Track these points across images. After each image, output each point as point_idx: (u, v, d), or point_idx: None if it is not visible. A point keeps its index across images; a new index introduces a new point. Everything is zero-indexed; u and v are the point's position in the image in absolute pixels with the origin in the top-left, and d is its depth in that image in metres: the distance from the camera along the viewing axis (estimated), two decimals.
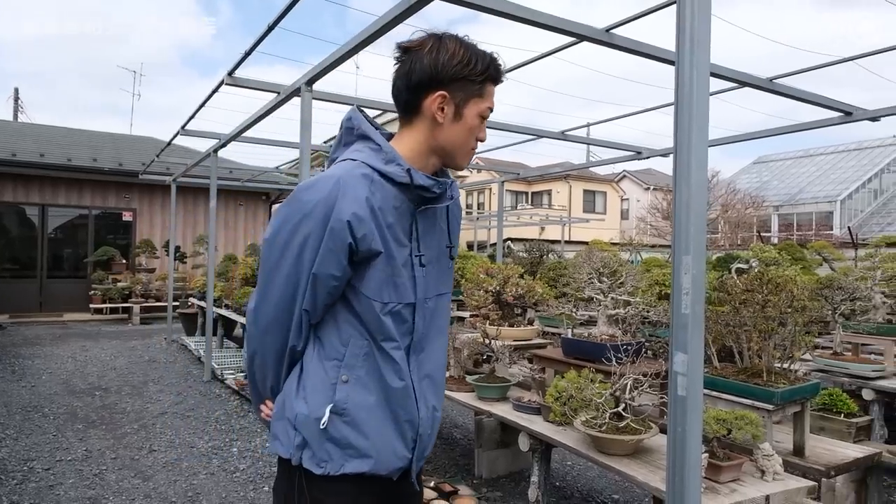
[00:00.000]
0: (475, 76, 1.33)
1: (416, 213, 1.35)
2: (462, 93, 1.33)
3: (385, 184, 1.30)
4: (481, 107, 1.36)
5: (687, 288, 1.74)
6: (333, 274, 1.28)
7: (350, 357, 1.32)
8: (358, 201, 1.26)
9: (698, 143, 1.74)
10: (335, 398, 1.30)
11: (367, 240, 1.26)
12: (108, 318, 12.53)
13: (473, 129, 1.37)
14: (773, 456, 2.14)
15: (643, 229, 27.83)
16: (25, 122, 21.74)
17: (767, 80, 4.48)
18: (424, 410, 1.38)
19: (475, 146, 1.40)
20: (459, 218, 1.55)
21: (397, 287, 1.32)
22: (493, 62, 1.36)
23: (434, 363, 1.42)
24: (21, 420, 5.25)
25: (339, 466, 1.30)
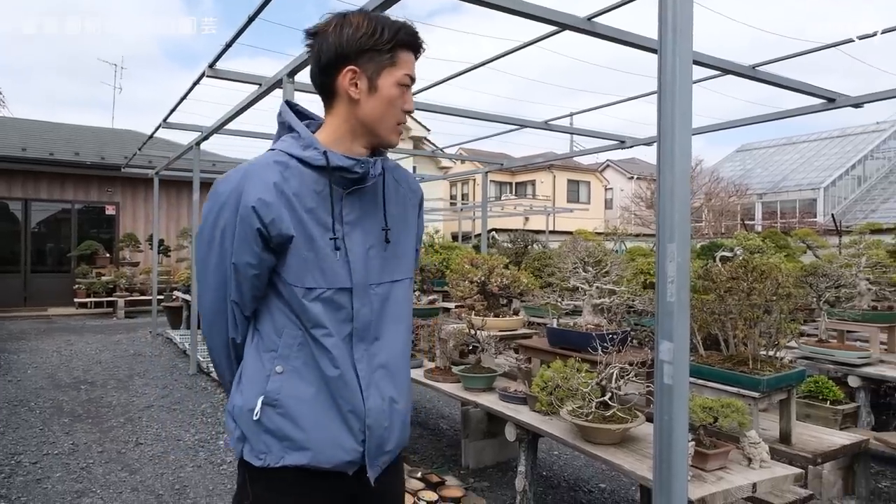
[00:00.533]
0: (382, 45, 1.29)
1: (344, 197, 1.32)
2: (372, 64, 1.30)
3: (304, 169, 1.29)
4: (397, 75, 1.30)
5: (672, 276, 1.73)
6: (249, 262, 1.28)
7: (284, 347, 1.30)
8: (265, 186, 1.25)
9: (682, 131, 1.73)
10: (266, 389, 1.28)
11: (276, 224, 1.25)
12: (92, 312, 12.40)
13: (393, 100, 1.31)
14: (760, 443, 2.16)
15: (627, 218, 27.97)
16: (7, 116, 21.36)
17: (750, 68, 4.50)
18: (377, 401, 1.32)
19: (402, 119, 1.35)
20: (406, 199, 1.47)
21: (324, 272, 1.28)
22: (402, 28, 1.32)
23: (390, 353, 1.37)
24: (7, 414, 5.20)
25: (278, 459, 1.28)
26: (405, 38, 1.31)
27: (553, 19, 3.34)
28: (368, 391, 1.31)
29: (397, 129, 1.35)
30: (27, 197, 13.07)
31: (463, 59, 27.09)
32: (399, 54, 1.31)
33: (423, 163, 22.63)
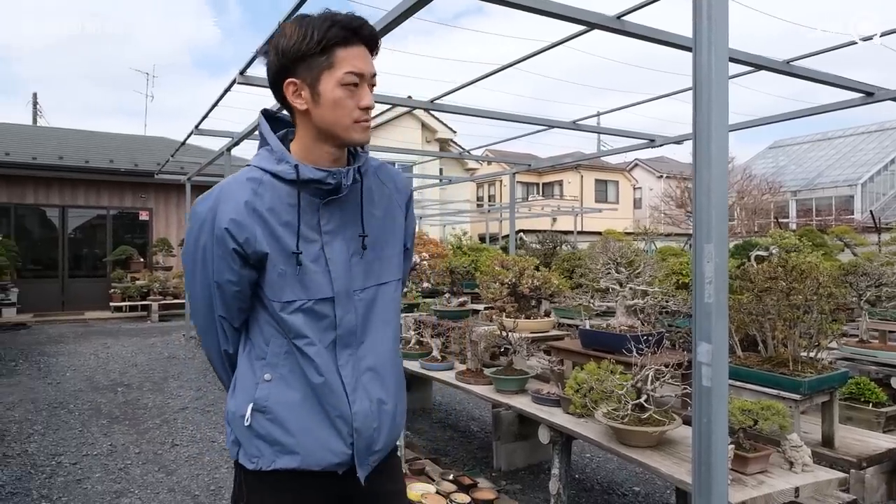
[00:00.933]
0: (314, 49, 1.24)
1: (321, 207, 1.32)
2: (310, 71, 1.26)
3: (277, 183, 1.29)
4: (337, 76, 1.25)
5: (710, 276, 1.70)
6: (230, 279, 1.31)
7: (272, 356, 1.33)
8: (237, 207, 1.27)
9: (718, 129, 1.70)
10: (255, 396, 1.32)
11: (250, 243, 1.27)
12: (127, 315, 12.69)
13: (339, 102, 1.26)
14: (802, 447, 2.10)
15: (657, 218, 27.59)
16: (44, 126, 22.04)
17: (784, 63, 4.40)
18: (364, 404, 1.34)
19: (359, 116, 1.28)
20: (391, 199, 1.46)
21: (305, 284, 1.29)
22: (333, 24, 1.24)
23: (377, 355, 1.38)
24: (48, 416, 5.34)
25: (270, 462, 1.31)
26: (337, 35, 1.25)
27: (582, 19, 3.31)
28: (355, 395, 1.33)
29: (357, 128, 1.29)
30: (64, 204, 13.43)
31: (487, 61, 26.94)
32: (335, 53, 1.25)
33: (449, 164, 22.66)
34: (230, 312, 1.35)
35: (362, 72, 1.27)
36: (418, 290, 5.46)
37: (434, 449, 4.54)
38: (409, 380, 4.17)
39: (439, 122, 21.51)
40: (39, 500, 3.58)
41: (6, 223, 12.51)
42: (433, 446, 4.61)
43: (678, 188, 26.99)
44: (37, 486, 3.80)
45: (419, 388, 5.48)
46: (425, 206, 18.45)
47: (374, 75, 1.31)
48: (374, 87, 1.32)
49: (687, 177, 26.03)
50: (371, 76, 1.30)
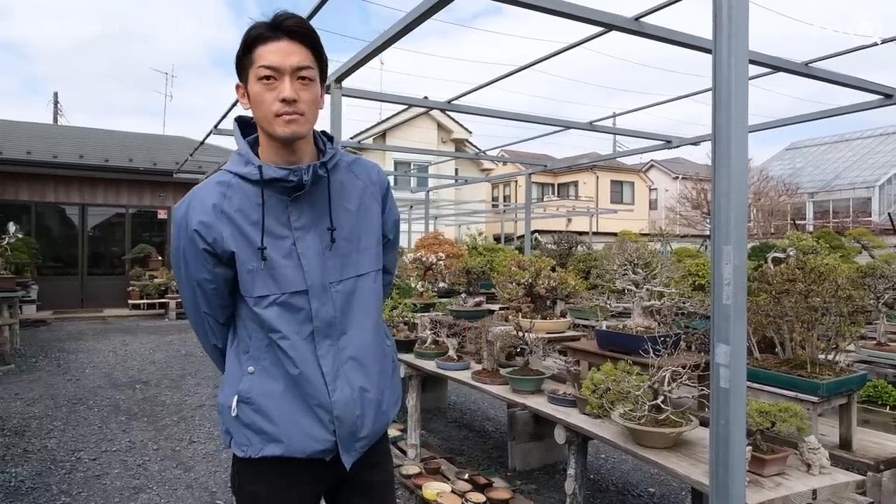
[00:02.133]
0: (242, 53, 1.35)
1: (289, 204, 1.37)
2: (243, 74, 1.36)
3: (245, 185, 1.36)
4: (255, 73, 1.32)
5: (728, 278, 1.71)
6: (206, 278, 1.39)
7: (255, 349, 1.40)
8: (204, 210, 1.35)
9: (738, 131, 1.71)
10: (239, 388, 1.39)
11: (218, 243, 1.34)
12: (145, 313, 12.85)
13: (258, 96, 1.32)
14: (820, 449, 2.09)
15: (673, 219, 27.39)
16: (65, 125, 22.37)
17: (803, 65, 4.37)
18: (345, 393, 1.38)
19: (279, 109, 1.31)
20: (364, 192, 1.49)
21: (276, 279, 1.35)
22: (254, 26, 1.33)
23: (359, 345, 1.43)
24: (67, 412, 5.43)
25: (258, 450, 1.37)
26: (253, 34, 1.32)
27: (600, 20, 3.31)
28: (336, 384, 1.38)
29: (279, 121, 1.32)
30: (84, 202, 13.63)
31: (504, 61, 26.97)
32: (255, 51, 1.32)
33: (464, 165, 22.67)
34: (212, 309, 1.43)
35: (276, 65, 1.31)
36: (434, 289, 5.48)
37: (449, 448, 4.56)
38: (425, 379, 4.21)
39: (455, 122, 21.53)
40: (59, 496, 3.65)
41: (27, 221, 12.72)
42: (448, 445, 4.64)
43: (694, 189, 26.79)
44: (56, 481, 3.87)
45: (434, 388, 5.50)
46: (441, 206, 18.49)
47: (302, 68, 1.32)
48: (307, 80, 1.34)
49: (703, 178, 25.83)
50: (295, 69, 1.31)
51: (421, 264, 5.43)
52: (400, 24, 3.48)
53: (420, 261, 5.38)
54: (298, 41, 1.33)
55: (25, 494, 3.66)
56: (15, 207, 12.61)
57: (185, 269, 1.41)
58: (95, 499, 3.62)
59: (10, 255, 8.61)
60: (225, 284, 1.40)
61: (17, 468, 4.07)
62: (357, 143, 15.04)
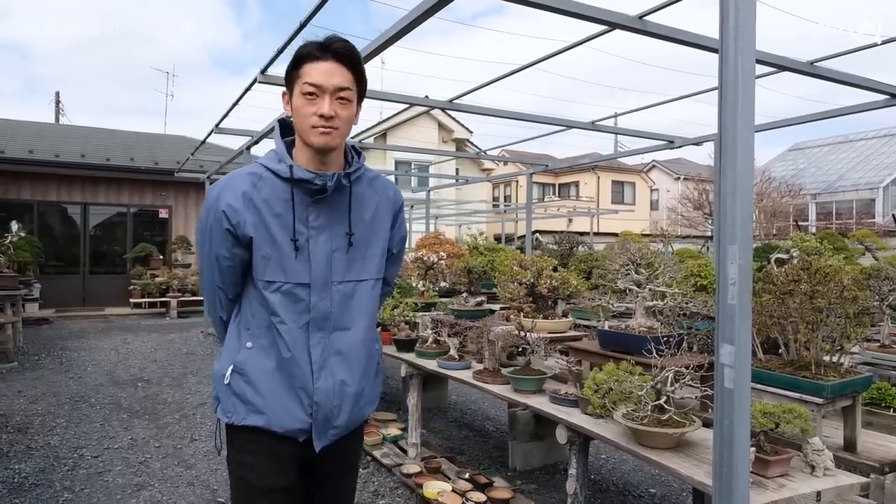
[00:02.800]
0: (292, 69, 1.50)
1: (311, 205, 1.50)
2: (290, 86, 1.51)
3: (275, 180, 1.50)
4: (300, 87, 1.47)
5: (733, 278, 1.70)
6: (224, 255, 1.52)
7: (255, 328, 1.54)
8: (235, 194, 1.48)
9: (744, 130, 1.70)
10: (236, 360, 1.53)
11: (241, 226, 1.48)
12: (146, 312, 12.84)
13: (299, 109, 1.47)
14: (824, 451, 2.08)
15: (674, 220, 27.36)
16: (66, 125, 22.39)
17: (808, 64, 4.36)
18: (327, 382, 1.52)
19: (316, 122, 1.46)
20: (380, 207, 1.63)
21: (285, 269, 1.49)
22: (306, 45, 1.48)
23: (348, 343, 1.56)
24: (70, 409, 5.43)
25: (242, 418, 1.52)
26: (303, 52, 1.48)
27: (603, 19, 3.31)
28: (320, 373, 1.51)
29: (314, 132, 1.47)
30: (86, 201, 13.62)
31: (505, 61, 26.97)
32: (302, 68, 1.47)
33: (465, 164, 22.66)
34: (225, 284, 1.57)
35: (319, 83, 1.46)
36: (435, 289, 5.47)
37: (450, 448, 4.56)
38: (426, 379, 4.20)
39: (456, 122, 21.51)
40: (62, 492, 3.65)
41: (29, 219, 12.72)
42: (449, 445, 4.63)
43: (696, 190, 26.74)
44: (59, 477, 3.87)
45: (435, 388, 5.50)
46: (441, 206, 18.48)
47: (342, 88, 1.47)
48: (346, 100, 1.49)
49: (705, 179, 25.77)
50: (336, 88, 1.47)
51: (422, 264, 5.42)
52: (401, 23, 3.48)
53: (421, 260, 5.37)
54: (342, 63, 1.47)
55: (29, 491, 3.66)
56: (17, 206, 12.61)
57: (208, 244, 1.54)
58: (98, 495, 3.61)
59: (12, 253, 8.61)
60: (240, 264, 1.53)
61: (20, 465, 4.07)
62: (358, 143, 15.04)
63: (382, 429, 4.55)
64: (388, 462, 4.00)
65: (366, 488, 3.75)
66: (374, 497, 3.64)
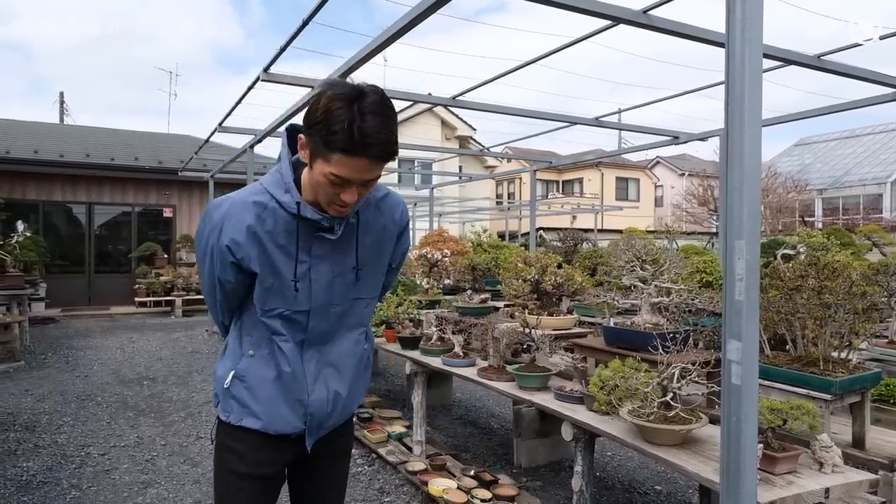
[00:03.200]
0: (321, 136, 1.28)
1: (314, 235, 1.47)
2: (312, 145, 1.33)
3: (279, 210, 1.43)
4: (325, 169, 1.31)
5: (741, 274, 1.69)
6: (228, 280, 1.52)
7: (257, 338, 1.56)
8: (238, 229, 1.44)
9: (751, 124, 1.68)
10: (237, 366, 1.56)
11: (245, 261, 1.46)
12: (151, 310, 12.88)
13: (321, 186, 1.35)
14: (832, 447, 2.07)
15: (679, 216, 27.27)
16: (71, 125, 22.45)
17: (815, 58, 4.32)
18: (322, 394, 1.57)
19: (339, 202, 1.37)
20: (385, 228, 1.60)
21: (286, 297, 1.49)
22: (348, 134, 1.25)
23: (339, 354, 1.60)
24: (76, 408, 5.45)
25: (238, 419, 1.56)
26: (342, 145, 1.27)
27: (608, 13, 3.28)
28: (315, 385, 1.56)
29: (332, 207, 1.40)
30: (90, 201, 13.66)
31: (508, 57, 26.75)
32: (333, 154, 1.28)
33: (468, 162, 22.63)
34: (227, 300, 1.59)
35: (350, 178, 1.32)
36: (439, 286, 5.46)
37: (454, 445, 4.55)
38: (430, 376, 4.20)
39: (459, 119, 21.49)
40: (69, 490, 3.66)
41: (34, 219, 12.75)
42: (454, 442, 4.62)
43: (701, 186, 26.64)
44: (66, 475, 3.88)
45: (439, 385, 5.49)
46: (445, 204, 18.46)
47: (370, 181, 1.36)
48: (369, 184, 1.38)
49: (710, 175, 25.65)
50: (364, 182, 1.35)
51: (426, 261, 5.41)
52: (404, 20, 3.46)
53: (425, 258, 5.36)
54: (380, 161, 1.32)
55: (37, 489, 3.68)
56: (23, 206, 12.64)
57: (209, 263, 1.52)
58: (105, 493, 3.62)
59: (18, 253, 8.65)
60: (242, 287, 1.55)
61: (28, 462, 4.08)
62: None
63: (387, 426, 4.55)
64: (393, 459, 4.00)
65: (371, 486, 3.75)
66: (380, 494, 3.64)
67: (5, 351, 7.34)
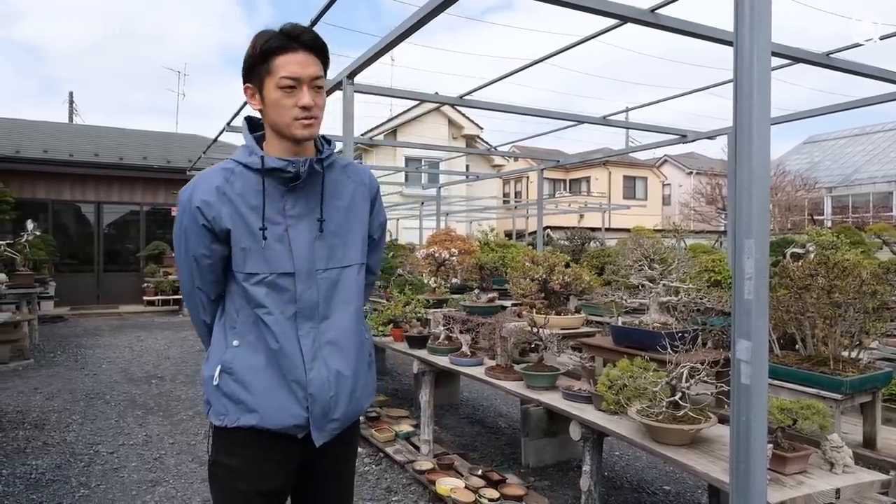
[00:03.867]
0: (256, 59, 1.45)
1: (285, 194, 1.48)
2: (256, 79, 1.47)
3: (248, 173, 1.48)
4: (274, 80, 1.43)
5: (750, 273, 1.68)
6: (203, 253, 1.50)
7: (241, 325, 1.50)
8: (208, 190, 1.47)
9: (760, 122, 1.67)
10: (223, 359, 1.50)
11: (217, 220, 1.46)
12: (159, 309, 12.95)
13: (278, 102, 1.44)
14: (843, 447, 2.05)
15: (687, 215, 27.14)
16: (80, 124, 22.58)
17: (824, 55, 4.29)
18: (321, 373, 1.47)
19: (298, 114, 1.44)
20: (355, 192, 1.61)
21: (267, 259, 1.46)
22: (272, 37, 1.43)
23: (338, 331, 1.52)
24: (85, 406, 5.49)
25: (234, 419, 1.47)
26: (275, 44, 1.43)
27: (615, 12, 3.27)
28: (313, 364, 1.47)
29: (298, 125, 1.46)
30: (99, 200, 13.75)
31: (515, 56, 26.82)
32: (273, 61, 1.43)
33: (475, 161, 22.60)
34: (205, 284, 1.54)
35: (297, 75, 1.43)
36: (447, 285, 5.46)
37: (462, 444, 4.55)
38: (437, 375, 4.20)
39: (466, 118, 21.46)
40: (78, 488, 3.69)
41: (44, 219, 12.84)
42: (461, 441, 4.63)
43: (709, 184, 26.51)
44: (75, 473, 3.91)
45: (447, 384, 5.49)
46: (452, 203, 18.45)
47: (317, 77, 1.47)
48: (319, 88, 1.48)
49: (718, 173, 25.53)
50: (311, 78, 1.45)
51: (434, 260, 5.41)
52: (411, 20, 3.46)
53: (433, 257, 5.36)
54: (314, 54, 1.46)
55: (46, 486, 3.70)
56: (33, 205, 12.73)
57: (184, 245, 1.52)
58: (113, 491, 3.65)
59: (28, 252, 8.71)
60: (220, 261, 1.51)
61: (37, 461, 4.11)
62: (368, 140, 15.05)
63: (395, 425, 4.55)
64: (400, 459, 4.00)
65: (378, 485, 3.76)
66: (387, 494, 3.64)
67: (15, 349, 7.40)
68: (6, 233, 11.04)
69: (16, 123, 15.57)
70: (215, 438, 1.53)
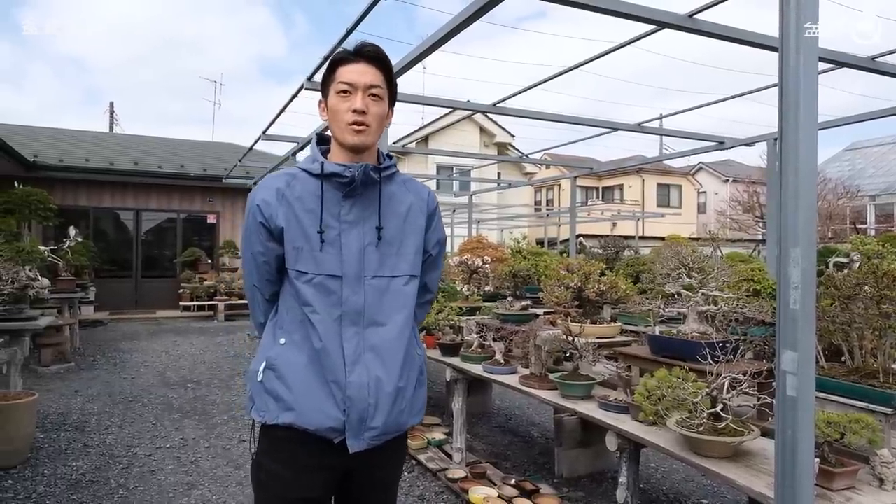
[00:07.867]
0: (325, 73, 1.60)
1: (342, 200, 1.54)
2: (324, 91, 1.61)
3: (309, 178, 1.55)
4: (335, 88, 1.55)
5: (796, 282, 1.63)
6: (259, 250, 1.57)
7: (289, 323, 1.55)
8: (269, 191, 1.55)
9: (807, 129, 1.64)
10: (268, 356, 1.54)
11: (273, 219, 1.53)
12: (195, 315, 13.19)
13: (335, 107, 1.55)
14: (893, 463, 1.98)
15: (723, 223, 26.59)
16: (120, 133, 23.25)
17: (869, 59, 4.18)
18: (361, 377, 1.48)
19: (350, 119, 1.53)
20: (413, 207, 1.64)
21: (317, 261, 1.51)
22: (344, 50, 1.58)
23: (382, 339, 1.53)
24: (123, 409, 5.61)
25: (274, 417, 1.50)
26: (337, 58, 1.58)
27: (652, 18, 3.24)
28: (354, 367, 1.48)
29: (349, 130, 1.54)
30: (138, 207, 14.12)
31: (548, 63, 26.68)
32: (337, 71, 1.56)
33: (507, 168, 22.56)
34: (261, 282, 1.61)
35: (353, 81, 1.54)
36: (479, 293, 5.45)
37: (494, 453, 4.52)
38: (470, 383, 4.18)
39: (498, 126, 21.45)
40: (117, 489, 3.76)
41: (85, 225, 13.22)
42: (493, 450, 4.60)
43: (746, 192, 25.94)
44: (114, 475, 3.99)
45: (479, 392, 5.47)
46: (483, 210, 18.44)
47: (374, 86, 1.55)
48: (376, 97, 1.56)
49: (755, 180, 24.97)
50: (367, 86, 1.54)
51: (466, 268, 5.41)
52: (445, 29, 3.49)
53: (465, 264, 5.36)
54: (373, 64, 1.56)
55: (86, 487, 3.79)
56: (74, 212, 13.13)
57: (247, 243, 1.60)
58: (151, 493, 3.71)
59: (70, 258, 8.97)
60: (274, 259, 1.57)
61: (77, 462, 4.22)
62: (401, 147, 15.15)
63: (427, 433, 4.55)
64: (433, 466, 3.99)
65: (411, 493, 3.75)
66: (420, 501, 3.63)
67: (57, 353, 7.62)
68: (49, 239, 11.42)
69: (59, 133, 16.12)
70: (260, 436, 1.58)
